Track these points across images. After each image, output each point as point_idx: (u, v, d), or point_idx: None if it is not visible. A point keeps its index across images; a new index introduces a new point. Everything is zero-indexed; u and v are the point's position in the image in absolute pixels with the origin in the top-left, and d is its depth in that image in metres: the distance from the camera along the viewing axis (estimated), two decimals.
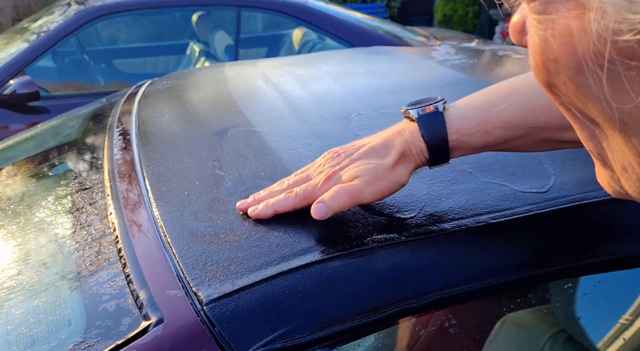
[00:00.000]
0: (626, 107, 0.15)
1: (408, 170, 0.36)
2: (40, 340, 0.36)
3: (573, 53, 0.15)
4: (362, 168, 0.36)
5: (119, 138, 0.61)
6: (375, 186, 0.35)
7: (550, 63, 0.16)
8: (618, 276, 0.40)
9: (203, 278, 0.34)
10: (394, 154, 0.36)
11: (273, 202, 0.37)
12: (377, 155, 0.36)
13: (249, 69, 0.81)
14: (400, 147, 0.36)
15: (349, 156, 0.37)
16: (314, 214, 0.36)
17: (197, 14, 2.07)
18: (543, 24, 0.16)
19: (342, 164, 0.37)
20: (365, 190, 0.35)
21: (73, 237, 0.46)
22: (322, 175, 0.37)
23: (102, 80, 2.00)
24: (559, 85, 0.17)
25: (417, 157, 0.36)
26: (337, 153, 0.38)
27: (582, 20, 0.14)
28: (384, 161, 0.36)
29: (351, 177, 0.36)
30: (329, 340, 0.32)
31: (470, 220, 0.37)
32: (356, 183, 0.36)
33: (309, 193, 0.37)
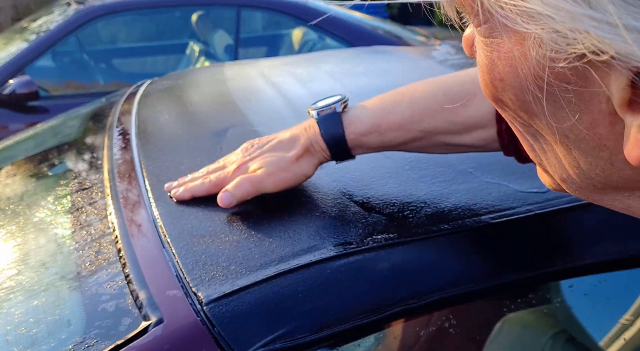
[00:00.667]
0: (565, 125, 0.16)
1: (312, 163, 0.40)
2: (40, 340, 0.36)
3: (516, 75, 0.16)
4: (267, 160, 0.40)
5: (119, 138, 0.61)
6: (277, 176, 0.39)
7: (497, 82, 0.17)
8: (618, 277, 0.39)
9: (203, 279, 0.34)
10: (298, 148, 0.39)
11: (191, 186, 0.41)
12: (284, 148, 0.40)
13: (249, 69, 0.81)
14: (304, 142, 0.39)
15: (260, 147, 0.41)
16: (219, 202, 0.39)
17: (197, 14, 2.07)
18: (489, 46, 0.17)
19: (253, 155, 0.41)
20: (266, 180, 0.39)
21: (73, 237, 0.46)
22: (234, 164, 0.41)
23: (102, 80, 2.00)
24: (506, 101, 0.18)
25: (320, 153, 0.39)
26: (252, 144, 0.42)
27: (522, 47, 0.16)
28: (287, 154, 0.39)
29: (256, 168, 0.40)
30: (329, 341, 0.32)
31: (471, 220, 0.37)
32: (259, 173, 0.39)
33: (220, 180, 0.41)
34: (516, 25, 0.15)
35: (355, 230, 0.36)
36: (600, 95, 0.15)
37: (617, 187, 0.17)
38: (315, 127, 0.39)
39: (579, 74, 0.15)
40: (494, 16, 0.16)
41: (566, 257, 0.36)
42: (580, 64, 0.14)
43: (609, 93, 0.15)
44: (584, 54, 0.14)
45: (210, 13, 2.09)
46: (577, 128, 0.16)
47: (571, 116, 0.16)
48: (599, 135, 0.16)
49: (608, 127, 0.15)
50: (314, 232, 0.37)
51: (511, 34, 0.16)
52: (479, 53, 0.18)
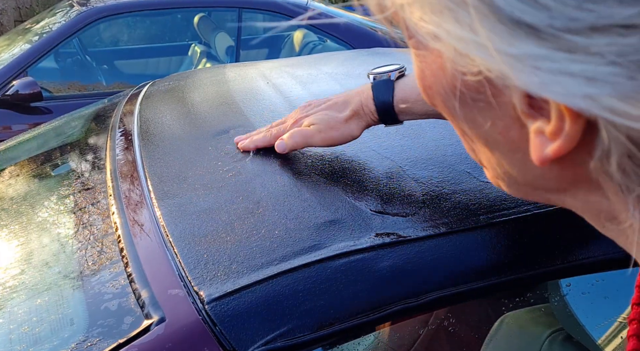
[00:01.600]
0: (480, 130, 0.18)
1: (360, 125, 0.43)
2: (43, 338, 0.36)
3: (439, 84, 0.18)
4: (319, 117, 0.44)
5: (121, 138, 0.61)
6: (326, 134, 0.43)
7: (427, 89, 0.19)
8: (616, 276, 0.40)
9: (204, 278, 0.34)
10: (349, 110, 0.43)
11: (255, 138, 0.47)
12: (337, 109, 0.44)
13: (250, 70, 0.81)
14: (355, 106, 0.43)
15: (317, 107, 0.45)
16: (276, 147, 0.45)
17: (199, 16, 2.08)
18: (419, 58, 0.19)
19: (309, 113, 0.45)
20: (316, 135, 0.43)
21: (75, 236, 0.47)
22: (291, 120, 0.46)
23: (104, 81, 2.01)
24: (438, 106, 0.20)
25: (368, 116, 0.43)
26: (310, 103, 0.46)
27: (441, 60, 0.18)
28: (339, 114, 0.43)
29: (309, 123, 0.44)
30: (330, 339, 0.32)
31: (470, 220, 0.37)
32: (310, 128, 0.44)
33: (280, 133, 0.46)
34: (428, 43, 0.17)
35: (355, 230, 0.37)
36: (508, 104, 0.17)
37: (535, 186, 0.19)
38: (369, 91, 0.42)
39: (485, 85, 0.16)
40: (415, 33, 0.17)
41: (564, 256, 0.36)
42: (481, 78, 0.16)
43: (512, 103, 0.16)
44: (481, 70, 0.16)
45: (212, 15, 2.10)
46: (493, 133, 0.18)
47: (485, 122, 0.18)
48: (512, 138, 0.18)
49: (518, 131, 0.17)
50: (315, 232, 0.37)
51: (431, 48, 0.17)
52: (413, 62, 0.20)
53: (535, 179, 0.19)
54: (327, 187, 0.42)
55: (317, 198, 0.41)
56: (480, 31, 0.15)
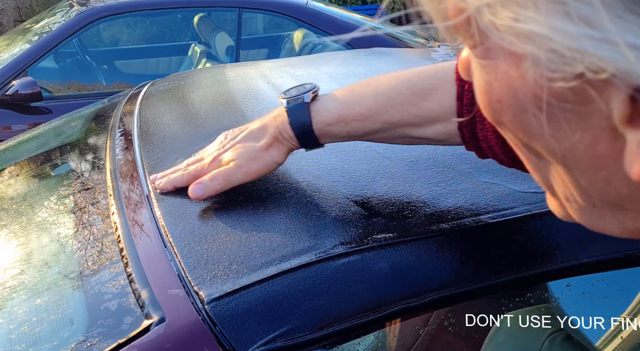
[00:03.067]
0: (565, 144, 0.16)
1: (282, 151, 0.41)
2: (43, 338, 0.36)
3: (514, 95, 0.16)
4: (237, 151, 0.42)
5: (121, 138, 0.61)
6: (248, 167, 0.41)
7: (495, 103, 0.17)
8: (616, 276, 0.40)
9: (204, 278, 0.34)
10: (267, 137, 0.41)
11: (172, 178, 0.44)
12: (254, 137, 0.42)
13: (250, 70, 0.81)
14: (273, 131, 0.41)
15: (233, 138, 0.43)
16: (192, 193, 0.41)
17: (199, 15, 2.08)
18: (486, 68, 0.17)
19: (226, 147, 0.43)
20: (237, 172, 0.41)
21: (75, 236, 0.47)
22: (210, 157, 0.43)
23: (104, 81, 2.00)
24: (505, 122, 0.18)
25: (288, 141, 0.41)
26: (226, 136, 0.44)
27: (520, 68, 0.15)
28: (257, 144, 0.41)
29: (228, 160, 0.42)
30: (330, 339, 0.32)
31: (470, 220, 0.37)
32: (230, 167, 0.41)
33: (197, 172, 0.43)
34: (512, 46, 0.15)
35: (355, 230, 0.37)
36: (600, 112, 0.15)
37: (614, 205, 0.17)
38: (284, 115, 0.40)
39: (577, 92, 0.15)
40: (489, 37, 0.15)
41: (564, 256, 0.36)
42: (579, 83, 0.14)
43: (609, 110, 0.15)
44: (583, 73, 0.14)
45: (211, 15, 2.09)
46: (576, 148, 0.16)
47: (571, 136, 0.16)
48: (598, 153, 0.16)
49: (608, 144, 0.15)
50: (315, 232, 0.37)
51: (507, 54, 0.16)
52: (475, 75, 0.18)
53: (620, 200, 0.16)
54: (327, 187, 0.42)
55: (317, 198, 0.41)
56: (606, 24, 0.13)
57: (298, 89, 0.41)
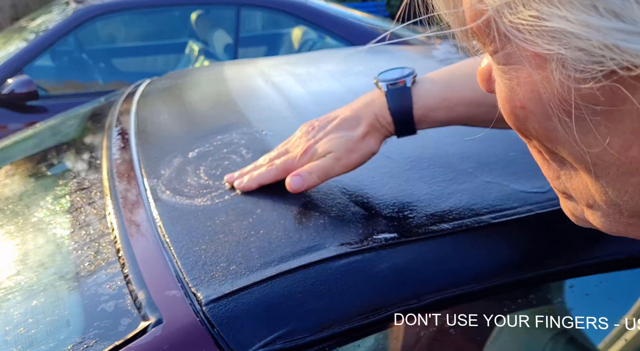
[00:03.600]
0: (594, 150, 0.15)
1: (378, 139, 0.39)
2: (39, 340, 0.36)
3: (539, 100, 0.15)
4: (333, 142, 0.38)
5: (118, 137, 0.60)
6: (347, 159, 0.38)
7: (518, 110, 0.16)
8: (620, 277, 0.39)
9: (202, 279, 0.33)
10: (363, 126, 0.38)
11: (256, 175, 0.40)
12: (348, 126, 0.39)
13: (249, 68, 0.81)
14: (369, 119, 0.38)
15: (322, 128, 0.40)
16: (291, 185, 0.38)
17: (196, 13, 2.07)
18: (507, 74, 0.16)
19: (317, 137, 0.40)
20: (336, 166, 0.38)
21: (72, 237, 0.46)
22: (299, 148, 0.40)
23: (101, 79, 1.99)
24: (529, 130, 0.17)
25: (385, 128, 0.38)
26: (312, 126, 0.41)
27: (544, 70, 0.15)
28: (354, 133, 0.38)
29: (324, 151, 0.39)
30: (329, 341, 0.32)
31: (471, 220, 0.36)
32: (328, 160, 0.38)
33: (288, 165, 0.39)
34: (536, 47, 0.14)
35: (355, 230, 0.36)
36: (633, 113, 0.14)
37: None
38: (382, 100, 0.38)
39: (607, 93, 0.14)
40: (511, 40, 0.15)
41: (567, 257, 0.36)
42: (609, 83, 0.14)
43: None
44: (613, 71, 0.13)
45: (209, 12, 2.08)
46: (607, 153, 0.15)
47: (601, 140, 0.15)
48: (630, 158, 0.15)
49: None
50: (314, 232, 0.37)
51: (531, 57, 0.15)
52: (497, 82, 0.17)
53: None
54: (326, 187, 0.41)
55: (317, 198, 0.40)
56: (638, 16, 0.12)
57: (396, 72, 0.38)
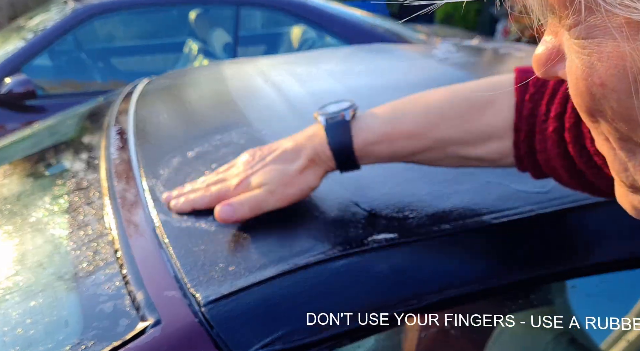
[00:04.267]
0: None
1: (318, 174, 0.38)
2: (37, 341, 0.36)
3: (623, 76, 0.15)
4: (270, 175, 0.37)
5: (116, 137, 0.60)
6: (282, 194, 0.37)
7: (596, 87, 0.16)
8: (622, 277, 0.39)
9: (201, 279, 0.33)
10: (302, 159, 0.37)
11: (192, 198, 0.40)
12: (287, 159, 0.37)
13: (248, 67, 0.80)
14: (309, 153, 0.37)
15: (262, 159, 0.39)
16: (220, 214, 0.37)
17: (195, 12, 2.06)
18: (587, 49, 0.15)
19: (255, 168, 0.39)
20: (269, 198, 0.37)
21: (70, 237, 0.46)
22: (237, 178, 0.39)
23: (100, 78, 1.99)
24: (604, 110, 0.16)
25: (325, 163, 0.37)
26: (254, 155, 0.40)
27: (634, 41, 0.14)
28: (291, 167, 0.37)
29: (259, 183, 0.38)
30: (329, 342, 0.32)
31: (472, 220, 0.36)
32: (261, 193, 0.37)
33: (222, 194, 0.39)
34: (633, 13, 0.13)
35: (355, 230, 0.36)
36: None
37: None
38: (322, 134, 0.37)
39: None
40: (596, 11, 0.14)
41: (569, 257, 0.36)
42: None
43: None
44: None
45: (208, 11, 2.08)
46: None
47: None
48: None
49: None
50: (314, 233, 0.36)
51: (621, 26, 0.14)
52: (570, 60, 0.16)
53: None
54: (326, 187, 0.41)
55: (316, 198, 0.40)
56: None
57: (336, 106, 0.37)
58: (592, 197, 0.37)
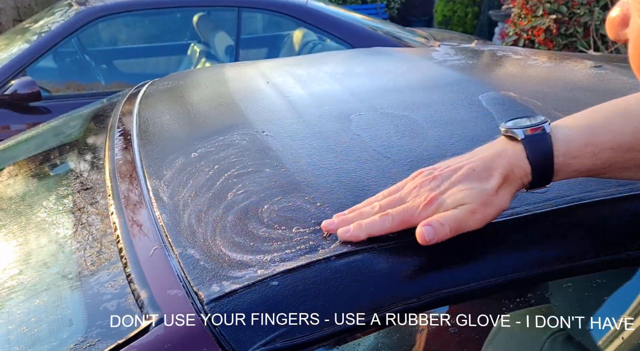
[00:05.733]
0: None
1: (510, 193, 0.35)
2: (42, 339, 0.36)
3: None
4: (466, 194, 0.34)
5: (120, 138, 0.61)
6: (482, 214, 0.34)
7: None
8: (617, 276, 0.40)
9: (204, 278, 0.34)
10: (497, 177, 0.34)
11: (366, 224, 0.35)
12: (479, 178, 0.35)
13: (250, 70, 0.81)
14: (503, 169, 0.34)
15: (447, 179, 0.36)
16: (422, 237, 0.34)
17: (198, 15, 2.08)
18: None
19: (442, 188, 0.35)
20: (470, 219, 0.34)
21: (74, 236, 0.47)
22: (420, 198, 0.35)
23: (103, 80, 2.00)
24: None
25: (520, 180, 0.35)
26: (432, 175, 0.36)
27: None
28: (487, 186, 0.34)
29: (455, 203, 0.34)
30: (329, 340, 0.32)
31: None
32: (461, 212, 0.34)
33: (408, 217, 0.35)
34: None
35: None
36: None
37: None
38: (517, 148, 0.34)
39: None
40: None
41: (564, 256, 0.36)
42: None
43: None
44: None
45: (211, 14, 2.09)
46: None
47: None
48: None
49: None
50: (315, 232, 0.37)
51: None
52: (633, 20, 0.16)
53: None
54: (326, 187, 0.42)
55: (317, 198, 0.41)
56: None
57: (526, 120, 0.35)
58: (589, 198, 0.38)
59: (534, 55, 0.83)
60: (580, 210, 0.38)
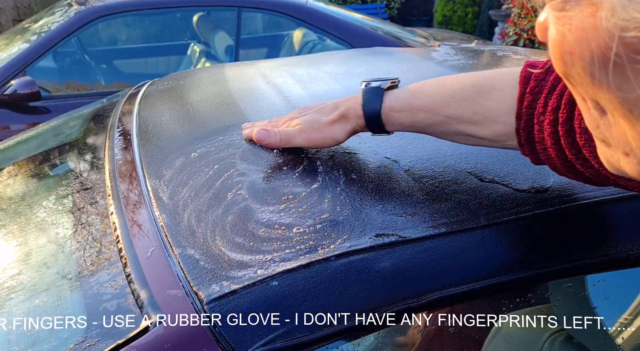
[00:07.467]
0: (631, 96, 0.17)
1: (345, 130, 0.44)
2: (42, 339, 0.36)
3: (586, 46, 0.17)
4: (303, 120, 0.46)
5: (120, 138, 0.61)
6: (308, 135, 0.45)
7: (567, 55, 0.18)
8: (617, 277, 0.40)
9: (203, 278, 0.34)
10: (335, 114, 0.44)
11: (246, 132, 0.51)
12: (324, 112, 0.45)
13: (250, 70, 0.81)
14: (343, 109, 0.44)
15: (306, 112, 0.47)
16: (256, 136, 0.47)
17: (198, 15, 2.08)
18: (561, 20, 0.18)
19: (300, 115, 0.47)
20: (297, 136, 0.45)
21: (74, 236, 0.47)
22: (284, 120, 0.49)
23: (103, 80, 2.00)
24: (574, 75, 0.18)
25: (354, 120, 0.44)
26: (305, 107, 0.48)
27: (595, 18, 0.16)
28: (324, 117, 0.45)
29: (294, 124, 0.47)
30: (329, 340, 0.32)
31: (470, 220, 0.37)
32: (293, 129, 0.46)
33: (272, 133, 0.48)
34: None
35: (355, 230, 0.36)
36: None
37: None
38: (359, 97, 0.44)
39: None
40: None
41: (565, 256, 0.36)
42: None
43: None
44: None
45: (211, 14, 2.09)
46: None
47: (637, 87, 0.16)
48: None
49: None
50: (314, 232, 0.37)
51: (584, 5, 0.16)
52: (550, 29, 0.18)
53: None
54: (326, 187, 0.42)
55: (317, 198, 0.41)
56: None
57: (380, 79, 0.44)
58: (589, 198, 0.38)
59: (534, 55, 0.83)
60: (580, 210, 0.38)
